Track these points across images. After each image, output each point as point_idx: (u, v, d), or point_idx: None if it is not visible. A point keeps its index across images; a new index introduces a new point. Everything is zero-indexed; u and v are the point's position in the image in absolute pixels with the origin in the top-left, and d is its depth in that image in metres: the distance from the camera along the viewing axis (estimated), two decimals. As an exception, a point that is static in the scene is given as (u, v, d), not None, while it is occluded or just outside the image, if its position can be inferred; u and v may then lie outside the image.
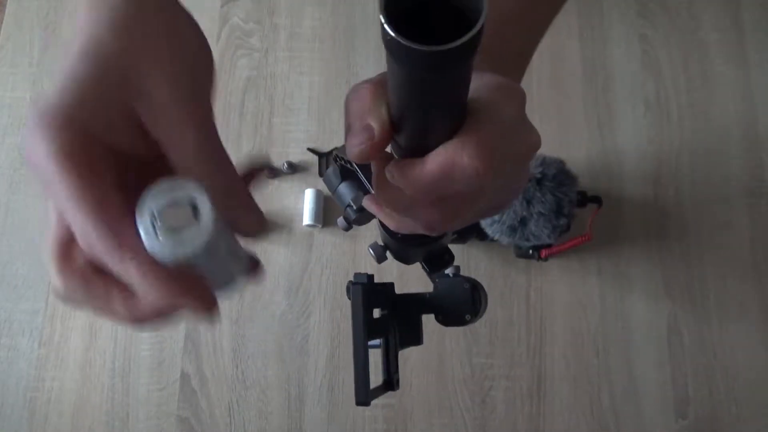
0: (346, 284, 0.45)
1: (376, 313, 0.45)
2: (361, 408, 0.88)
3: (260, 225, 0.30)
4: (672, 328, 0.90)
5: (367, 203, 0.37)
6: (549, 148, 0.98)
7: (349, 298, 0.42)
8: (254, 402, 0.89)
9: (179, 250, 0.25)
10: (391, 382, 0.44)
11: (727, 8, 1.04)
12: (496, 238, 0.83)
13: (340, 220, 0.49)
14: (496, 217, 0.78)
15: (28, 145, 0.24)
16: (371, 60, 1.03)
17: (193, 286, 0.26)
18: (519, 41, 0.39)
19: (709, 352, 0.89)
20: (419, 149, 0.25)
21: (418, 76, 0.21)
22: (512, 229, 0.80)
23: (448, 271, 0.50)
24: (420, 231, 0.31)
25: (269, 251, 0.95)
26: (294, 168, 0.97)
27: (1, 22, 1.07)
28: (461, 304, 0.46)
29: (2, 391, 0.90)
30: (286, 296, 0.93)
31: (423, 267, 0.51)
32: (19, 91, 1.03)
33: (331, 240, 0.95)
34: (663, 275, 0.92)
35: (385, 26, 0.20)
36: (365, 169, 0.42)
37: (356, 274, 0.43)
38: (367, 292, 0.41)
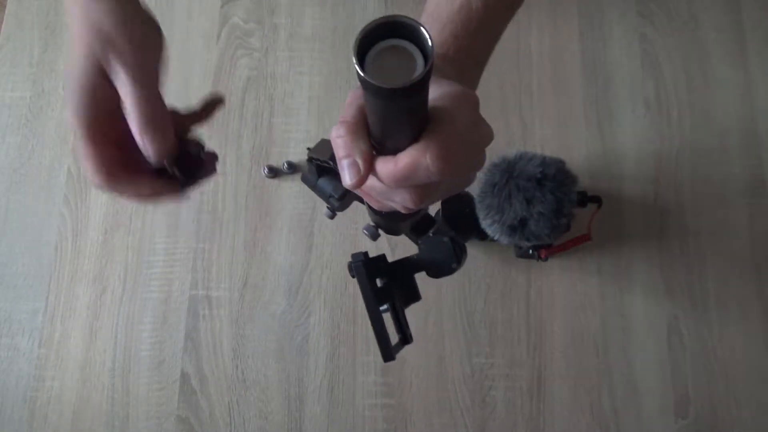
0: (347, 264, 0.52)
1: (378, 282, 0.52)
2: (360, 408, 0.88)
3: (164, 153, 0.44)
4: (672, 328, 0.90)
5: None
6: (549, 148, 0.98)
7: (352, 276, 0.48)
8: (254, 402, 0.89)
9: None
10: (405, 337, 0.51)
11: (727, 8, 1.04)
12: (496, 238, 0.83)
13: (325, 211, 0.59)
14: (496, 217, 0.78)
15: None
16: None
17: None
18: (479, 51, 0.47)
19: (709, 352, 0.89)
20: (393, 149, 0.33)
21: (383, 103, 0.29)
22: (512, 229, 0.80)
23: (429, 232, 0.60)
24: (398, 209, 0.39)
25: (269, 251, 0.95)
26: (294, 168, 0.97)
27: (1, 22, 1.07)
28: (445, 256, 0.54)
29: (2, 391, 0.90)
30: (286, 296, 0.93)
31: (409, 236, 0.60)
32: (19, 91, 1.03)
33: (330, 240, 0.95)
34: (663, 275, 0.92)
35: (357, 68, 0.27)
36: None
37: (353, 254, 0.49)
38: (368, 265, 0.48)
